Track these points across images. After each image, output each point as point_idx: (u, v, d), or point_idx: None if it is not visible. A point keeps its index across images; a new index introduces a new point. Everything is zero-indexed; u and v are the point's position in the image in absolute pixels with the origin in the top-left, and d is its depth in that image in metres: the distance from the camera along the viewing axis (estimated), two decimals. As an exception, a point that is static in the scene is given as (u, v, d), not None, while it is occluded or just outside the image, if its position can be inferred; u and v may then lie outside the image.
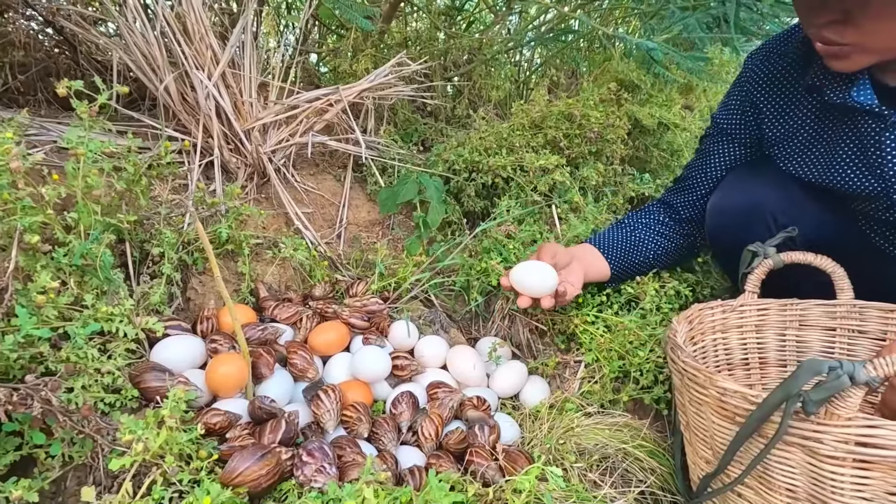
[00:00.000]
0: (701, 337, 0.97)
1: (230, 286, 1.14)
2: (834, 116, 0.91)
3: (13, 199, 0.78)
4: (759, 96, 1.01)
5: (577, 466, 0.88)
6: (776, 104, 0.99)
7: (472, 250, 1.32)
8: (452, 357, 1.08)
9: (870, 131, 0.86)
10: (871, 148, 0.86)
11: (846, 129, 0.89)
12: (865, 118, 0.85)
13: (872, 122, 0.85)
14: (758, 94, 1.01)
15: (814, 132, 0.95)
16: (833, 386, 0.57)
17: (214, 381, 0.87)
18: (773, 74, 0.99)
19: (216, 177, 1.26)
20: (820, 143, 0.94)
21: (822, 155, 0.94)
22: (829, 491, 0.63)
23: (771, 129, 1.00)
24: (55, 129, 1.23)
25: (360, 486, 0.68)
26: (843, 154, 0.91)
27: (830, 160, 0.92)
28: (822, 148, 0.94)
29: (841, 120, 0.90)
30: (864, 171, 0.88)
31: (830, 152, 0.92)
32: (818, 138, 0.94)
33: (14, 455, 0.68)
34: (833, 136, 0.92)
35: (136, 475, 0.69)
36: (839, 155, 0.91)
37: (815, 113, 0.95)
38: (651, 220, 1.18)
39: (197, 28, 1.24)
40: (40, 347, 0.73)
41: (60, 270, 0.85)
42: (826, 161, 0.93)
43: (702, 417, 0.76)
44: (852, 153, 0.89)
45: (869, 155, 0.87)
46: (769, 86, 1.00)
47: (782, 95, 0.98)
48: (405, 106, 1.66)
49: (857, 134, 0.88)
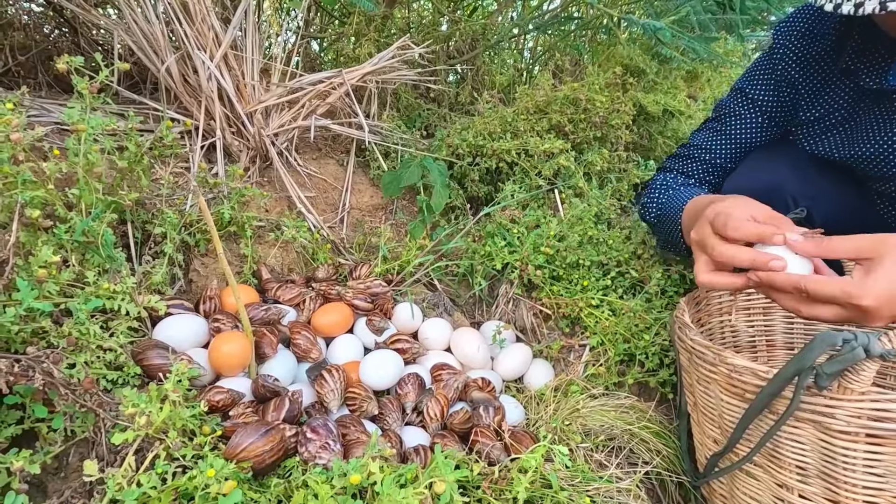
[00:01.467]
0: (708, 319, 0.97)
1: (232, 268, 1.13)
2: (869, 99, 0.90)
3: (14, 174, 0.77)
4: (797, 75, 0.98)
5: (583, 447, 0.88)
6: (813, 86, 0.97)
7: (475, 235, 1.31)
8: (456, 339, 1.07)
9: None
10: None
11: (880, 111, 0.88)
12: None
13: None
14: (795, 72, 0.98)
15: (847, 114, 0.93)
16: (847, 358, 0.56)
17: (217, 359, 0.86)
18: (809, 55, 0.96)
19: (218, 159, 1.24)
20: (851, 124, 0.92)
21: (851, 135, 0.92)
22: (841, 467, 0.62)
23: (806, 111, 0.98)
24: (56, 111, 1.22)
25: (366, 460, 0.67)
26: (874, 135, 0.89)
27: (859, 140, 0.91)
28: (852, 128, 0.92)
29: (875, 103, 0.89)
30: (892, 153, 0.87)
31: (860, 133, 0.91)
32: (850, 119, 0.93)
33: (16, 429, 0.67)
34: (865, 117, 0.91)
35: (139, 450, 0.68)
36: (869, 136, 0.90)
37: (849, 95, 0.93)
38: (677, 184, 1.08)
39: (199, 8, 1.23)
40: (42, 322, 0.72)
41: (62, 248, 0.84)
42: (854, 141, 0.92)
43: (710, 396, 0.75)
44: (884, 134, 0.88)
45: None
46: (806, 66, 0.97)
47: (819, 77, 0.96)
48: (408, 91, 1.64)
49: (891, 115, 0.86)
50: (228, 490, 0.63)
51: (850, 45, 0.89)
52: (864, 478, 0.61)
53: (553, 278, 1.19)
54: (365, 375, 0.93)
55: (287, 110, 1.35)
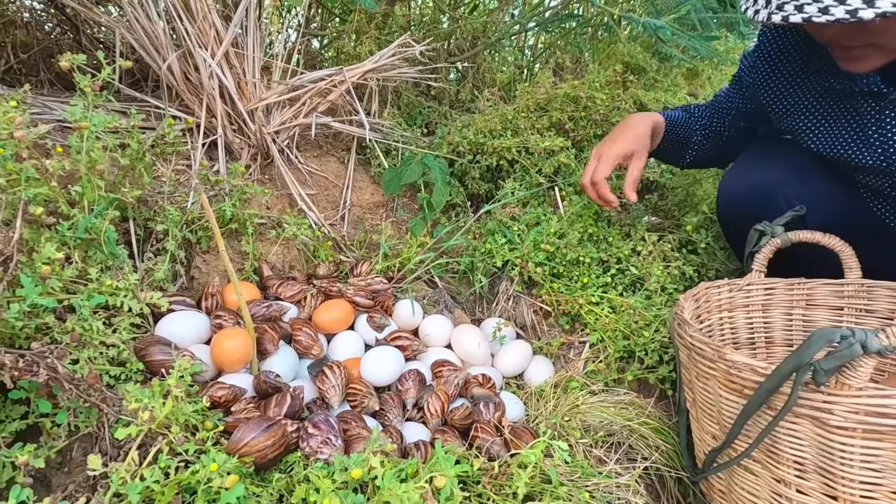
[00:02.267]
0: (707, 315, 0.97)
1: (234, 265, 1.13)
2: (836, 96, 0.91)
3: (17, 171, 0.77)
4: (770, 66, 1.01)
5: (583, 442, 0.88)
6: (779, 82, 0.99)
7: (476, 232, 1.32)
8: (457, 336, 1.08)
9: (870, 110, 0.86)
10: (871, 126, 0.86)
11: (847, 108, 0.90)
12: (866, 97, 0.85)
13: (873, 100, 0.85)
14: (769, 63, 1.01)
15: (816, 111, 0.95)
16: (845, 355, 0.57)
17: (219, 355, 0.87)
18: (782, 48, 0.98)
19: (219, 157, 1.25)
20: (823, 120, 0.94)
21: (826, 131, 0.94)
22: (839, 462, 0.62)
23: (773, 107, 1.01)
24: (58, 108, 1.23)
25: (367, 455, 0.68)
26: (845, 132, 0.91)
27: (834, 136, 0.92)
28: (826, 125, 0.94)
29: (841, 100, 0.90)
30: (866, 148, 0.88)
31: (833, 129, 0.93)
32: (821, 116, 0.95)
33: (20, 423, 0.67)
34: (835, 114, 0.92)
35: (142, 445, 0.69)
36: (841, 132, 0.91)
37: (818, 92, 0.94)
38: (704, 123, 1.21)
39: (200, 7, 1.23)
40: (45, 318, 0.72)
41: (65, 245, 0.84)
42: (830, 137, 0.93)
43: (709, 392, 0.76)
44: (853, 131, 0.90)
45: (870, 133, 0.86)
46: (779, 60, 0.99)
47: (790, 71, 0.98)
48: (409, 89, 1.65)
49: (858, 113, 0.88)
50: (231, 484, 0.64)
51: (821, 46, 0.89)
52: (862, 473, 0.62)
53: (553, 275, 1.20)
54: (366, 372, 0.93)
55: (288, 108, 1.35)
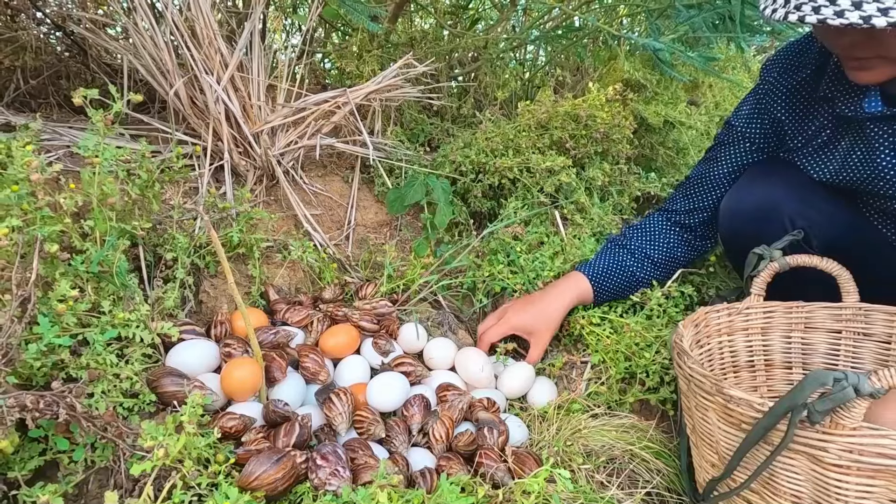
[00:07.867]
0: (707, 340, 0.99)
1: (241, 289, 1.15)
2: (846, 123, 0.93)
3: (33, 209, 0.79)
4: (780, 111, 1.03)
5: (585, 468, 0.90)
6: (796, 116, 1.02)
7: (479, 251, 1.33)
8: (461, 359, 1.10)
9: (882, 134, 0.87)
10: (882, 151, 0.88)
11: (857, 134, 0.91)
12: (877, 122, 0.87)
13: (884, 124, 0.86)
14: (778, 108, 1.03)
15: (828, 138, 0.97)
16: (838, 398, 0.58)
17: (230, 385, 0.89)
18: (791, 88, 1.01)
19: (226, 180, 1.27)
20: (834, 148, 0.96)
21: (836, 159, 0.96)
22: (834, 498, 0.64)
23: (792, 140, 1.03)
24: (67, 134, 1.25)
25: (374, 489, 0.70)
26: (855, 157, 0.93)
27: (843, 163, 0.94)
28: (837, 152, 0.96)
29: (852, 127, 0.92)
30: (876, 174, 0.90)
31: (844, 156, 0.94)
32: (832, 143, 0.97)
33: (38, 460, 0.70)
34: (846, 141, 0.94)
35: (157, 479, 0.71)
36: (852, 158, 0.93)
37: (830, 121, 0.96)
38: (652, 231, 1.19)
39: (206, 32, 1.25)
40: (61, 354, 0.75)
41: (78, 277, 0.86)
42: (839, 164, 0.95)
43: (707, 423, 0.78)
44: (864, 155, 0.91)
45: (881, 160, 0.88)
46: (789, 99, 1.02)
47: (801, 107, 1.01)
48: (412, 106, 1.66)
49: (867, 138, 0.89)
50: (243, 519, 0.66)
51: (828, 72, 0.92)
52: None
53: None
54: (372, 398, 0.95)
55: (293, 129, 1.37)
